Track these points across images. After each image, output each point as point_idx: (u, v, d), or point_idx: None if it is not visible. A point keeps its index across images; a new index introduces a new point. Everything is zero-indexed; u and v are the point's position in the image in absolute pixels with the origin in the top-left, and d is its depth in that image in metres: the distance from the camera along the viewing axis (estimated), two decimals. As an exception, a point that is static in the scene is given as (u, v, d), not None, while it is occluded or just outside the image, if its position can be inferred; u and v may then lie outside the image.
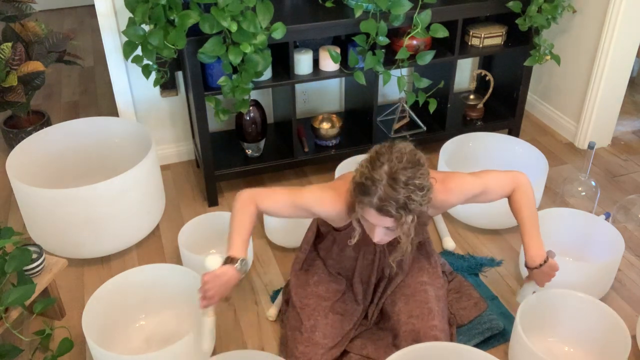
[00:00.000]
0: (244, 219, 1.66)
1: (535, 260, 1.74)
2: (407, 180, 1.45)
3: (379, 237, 1.57)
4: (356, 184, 1.51)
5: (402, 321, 1.82)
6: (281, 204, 1.69)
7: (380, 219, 1.50)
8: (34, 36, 2.88)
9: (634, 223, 2.46)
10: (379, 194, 1.45)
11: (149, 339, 1.95)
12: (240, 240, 1.64)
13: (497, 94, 3.04)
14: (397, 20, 2.31)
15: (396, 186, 1.44)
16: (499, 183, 1.78)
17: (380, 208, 1.46)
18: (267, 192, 1.70)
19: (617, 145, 3.09)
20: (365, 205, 1.49)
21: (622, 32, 2.70)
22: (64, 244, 2.19)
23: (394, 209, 1.45)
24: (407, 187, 1.45)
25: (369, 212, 1.50)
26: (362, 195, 1.49)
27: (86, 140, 2.55)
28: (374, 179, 1.46)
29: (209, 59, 2.16)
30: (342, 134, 2.76)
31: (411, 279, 1.92)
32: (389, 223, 1.50)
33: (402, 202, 1.45)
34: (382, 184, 1.45)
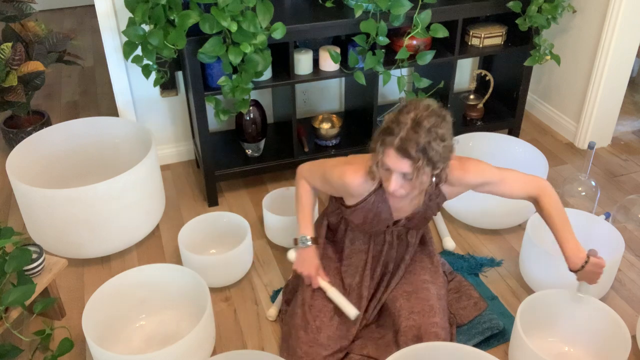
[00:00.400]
0: (301, 198, 1.89)
1: (577, 263, 1.73)
2: (431, 127, 1.50)
3: (394, 185, 1.57)
4: (382, 129, 1.57)
5: (403, 317, 1.82)
6: (317, 181, 1.84)
7: (399, 162, 1.52)
8: (34, 36, 2.88)
9: (634, 223, 2.46)
10: (402, 134, 1.50)
11: (149, 339, 1.95)
12: (301, 219, 1.88)
13: (497, 94, 3.04)
14: (397, 20, 2.31)
15: (419, 130, 1.49)
16: (519, 181, 1.79)
17: (401, 148, 1.50)
18: (311, 168, 1.87)
19: (617, 145, 3.09)
20: (387, 146, 1.53)
21: (622, 32, 2.70)
22: (64, 244, 2.19)
23: (413, 150, 1.49)
24: (429, 133, 1.50)
25: (389, 154, 1.53)
26: (385, 136, 1.53)
27: (86, 140, 2.55)
28: (399, 121, 1.52)
29: (209, 59, 2.16)
30: (342, 134, 2.76)
31: (413, 277, 1.92)
32: (407, 167, 1.52)
33: (422, 145, 1.49)
34: (406, 127, 1.50)
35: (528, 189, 1.80)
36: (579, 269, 1.73)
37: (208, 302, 1.80)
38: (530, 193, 1.80)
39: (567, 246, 1.74)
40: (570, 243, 1.74)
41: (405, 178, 1.56)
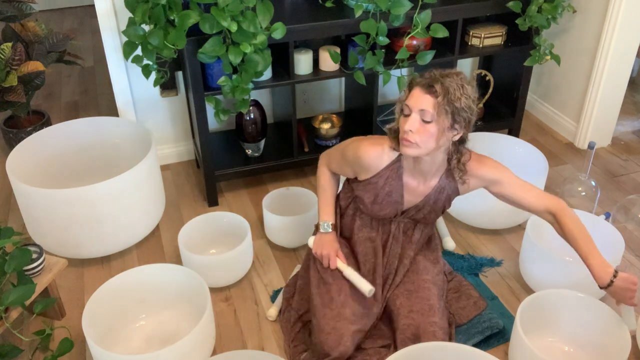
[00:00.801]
0: (323, 185, 1.95)
1: (605, 278, 1.68)
2: (460, 82, 1.58)
3: (411, 125, 1.58)
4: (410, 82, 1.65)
5: (402, 315, 1.83)
6: (335, 164, 1.90)
7: (422, 98, 1.57)
8: (34, 36, 2.88)
9: (634, 223, 2.46)
10: (433, 76, 1.59)
11: (149, 339, 1.95)
12: (322, 206, 1.95)
13: (497, 94, 3.04)
14: (397, 20, 2.31)
15: (447, 78, 1.57)
16: (537, 193, 1.78)
17: (426, 84, 1.57)
18: (330, 154, 1.94)
19: (617, 145, 3.09)
20: (414, 85, 1.61)
21: (622, 32, 2.70)
22: (64, 244, 2.19)
23: (438, 87, 1.55)
24: (455, 82, 1.57)
25: (414, 92, 1.60)
26: (418, 77, 1.61)
27: (86, 140, 2.55)
28: (432, 72, 1.61)
29: (209, 59, 2.16)
30: (342, 134, 2.76)
31: (415, 276, 1.92)
32: (429, 104, 1.56)
33: (447, 88, 1.56)
34: (438, 75, 1.59)
35: (546, 203, 1.77)
36: (608, 285, 1.68)
37: (208, 302, 1.80)
38: (549, 207, 1.77)
39: (592, 262, 1.69)
40: (596, 259, 1.69)
41: (423, 120, 1.58)
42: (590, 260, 1.70)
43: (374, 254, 1.92)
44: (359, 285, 1.83)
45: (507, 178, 1.78)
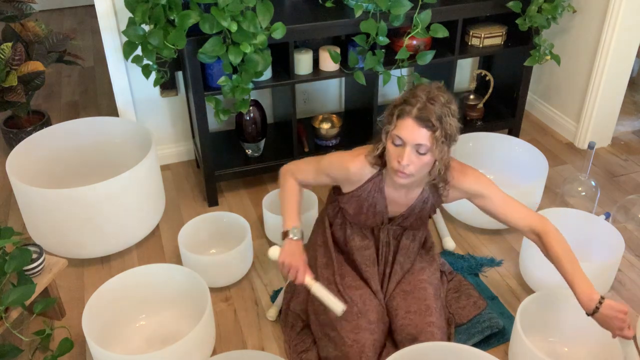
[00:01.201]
0: (289, 193, 1.84)
1: (590, 304, 1.60)
2: (445, 102, 1.56)
3: (407, 159, 1.56)
4: (395, 105, 1.60)
5: (400, 316, 1.82)
6: (310, 173, 1.83)
7: (417, 131, 1.54)
8: (34, 36, 2.88)
9: (634, 223, 2.46)
10: (419, 105, 1.54)
11: (149, 339, 1.95)
12: (289, 212, 1.81)
13: (497, 94, 3.04)
14: (397, 20, 2.31)
15: (435, 103, 1.54)
16: (521, 211, 1.74)
17: (419, 116, 1.53)
18: (298, 165, 1.86)
19: (617, 145, 3.09)
20: (404, 115, 1.55)
21: (622, 32, 2.70)
22: (64, 244, 2.19)
23: (433, 118, 1.52)
24: (444, 107, 1.55)
25: (405, 124, 1.55)
26: (403, 106, 1.56)
27: (86, 140, 2.55)
28: (415, 94, 1.57)
29: (209, 59, 2.16)
30: (342, 134, 2.76)
31: (411, 277, 1.92)
32: (424, 138, 1.54)
33: (439, 115, 1.53)
34: (422, 100, 1.55)
35: (530, 222, 1.72)
36: (593, 311, 1.60)
37: (208, 302, 1.80)
38: (533, 227, 1.72)
39: (577, 288, 1.63)
40: (582, 284, 1.63)
41: (418, 152, 1.56)
42: (576, 285, 1.64)
43: (370, 261, 1.90)
44: (329, 305, 1.71)
45: (490, 192, 1.74)
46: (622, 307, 1.60)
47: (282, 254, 1.73)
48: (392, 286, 1.91)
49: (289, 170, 1.88)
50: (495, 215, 1.77)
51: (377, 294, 1.88)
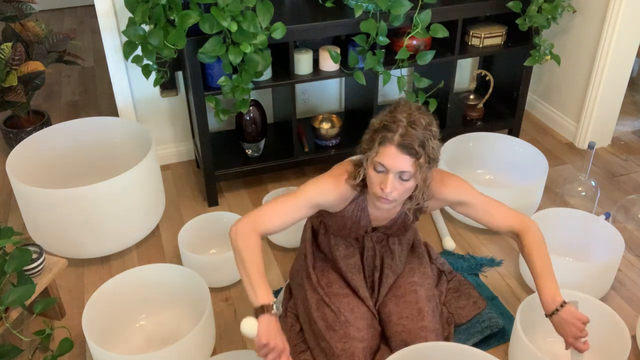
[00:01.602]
0: (252, 256, 1.52)
1: (551, 305, 1.61)
2: (426, 125, 1.51)
3: (390, 187, 1.52)
4: (375, 129, 1.54)
5: (393, 322, 1.82)
6: (279, 218, 1.61)
7: (400, 159, 1.49)
8: (34, 36, 2.88)
9: (634, 223, 2.46)
10: (401, 131, 1.49)
11: (149, 339, 1.95)
12: (259, 282, 1.49)
13: (497, 94, 3.04)
14: (397, 20, 2.31)
15: (416, 127, 1.49)
16: (502, 213, 1.73)
17: (402, 144, 1.48)
18: (260, 216, 1.59)
19: (617, 145, 3.09)
20: (386, 142, 1.49)
21: (622, 32, 2.70)
22: (64, 244, 2.19)
23: (415, 144, 1.48)
24: (425, 130, 1.50)
25: (388, 151, 1.49)
26: (384, 133, 1.50)
27: (86, 140, 2.55)
28: (395, 119, 1.50)
29: (209, 59, 2.16)
30: (342, 134, 2.76)
31: (402, 280, 1.91)
32: (408, 165, 1.49)
33: (421, 140, 1.49)
34: (403, 124, 1.49)
35: (511, 223, 1.72)
36: (552, 313, 1.61)
37: (208, 302, 1.80)
38: (514, 228, 1.72)
39: (543, 286, 1.62)
40: (549, 284, 1.62)
41: (401, 179, 1.53)
42: (542, 284, 1.63)
43: (356, 269, 1.89)
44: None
45: (471, 198, 1.72)
46: (583, 316, 1.59)
47: (263, 333, 1.43)
48: (385, 291, 1.89)
49: (247, 226, 1.56)
50: (477, 220, 1.76)
51: (366, 301, 1.87)
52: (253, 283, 1.48)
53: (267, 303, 1.47)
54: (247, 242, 1.53)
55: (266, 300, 1.47)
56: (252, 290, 1.48)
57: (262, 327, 1.44)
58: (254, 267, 1.50)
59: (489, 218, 1.74)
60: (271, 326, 1.45)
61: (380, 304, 1.89)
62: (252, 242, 1.54)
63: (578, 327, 1.58)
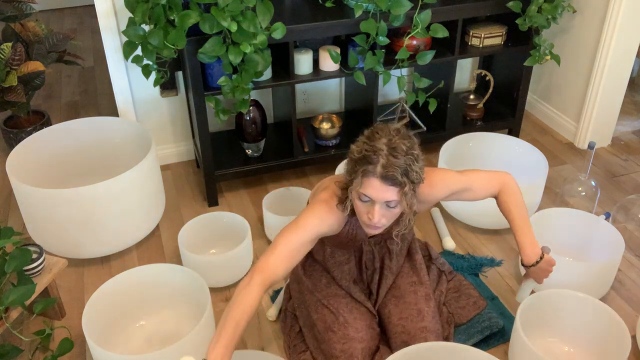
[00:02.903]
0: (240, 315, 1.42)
1: (532, 258, 1.77)
2: (407, 149, 1.48)
3: (378, 216, 1.51)
4: (356, 159, 1.50)
5: (393, 323, 1.82)
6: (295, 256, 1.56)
7: (384, 190, 1.47)
8: (34, 36, 2.88)
9: (634, 223, 2.46)
10: (382, 162, 1.45)
11: (149, 339, 1.95)
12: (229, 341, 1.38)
13: (497, 94, 3.04)
14: (397, 20, 2.31)
15: (397, 154, 1.46)
16: (483, 182, 1.79)
17: (385, 175, 1.45)
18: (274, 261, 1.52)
19: (617, 145, 3.09)
20: (369, 175, 1.46)
21: (622, 32, 2.70)
22: (64, 244, 2.19)
23: (398, 174, 1.45)
24: (407, 155, 1.47)
25: (371, 183, 1.47)
26: (365, 165, 1.47)
27: (86, 140, 2.55)
28: (375, 148, 1.47)
29: (209, 59, 2.16)
30: (342, 134, 2.76)
31: (401, 280, 1.91)
32: (393, 194, 1.47)
33: (404, 169, 1.46)
34: (383, 153, 1.46)
35: (490, 188, 1.79)
36: (532, 264, 1.77)
37: (208, 302, 1.80)
38: (493, 191, 1.80)
39: (524, 240, 1.77)
40: (528, 238, 1.77)
41: (388, 207, 1.51)
42: (522, 238, 1.77)
43: (350, 276, 1.88)
44: None
45: (457, 186, 1.73)
46: (553, 261, 1.79)
47: None
48: (384, 292, 1.90)
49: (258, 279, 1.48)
50: (462, 200, 1.82)
51: (366, 303, 1.87)
52: (220, 340, 1.38)
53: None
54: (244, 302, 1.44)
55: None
56: (215, 344, 1.38)
57: None
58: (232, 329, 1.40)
59: (474, 196, 1.80)
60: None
61: (380, 305, 1.89)
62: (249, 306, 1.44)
63: (549, 271, 1.80)
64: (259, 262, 1.53)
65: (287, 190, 2.44)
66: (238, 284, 1.51)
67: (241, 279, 1.52)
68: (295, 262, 1.58)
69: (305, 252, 1.60)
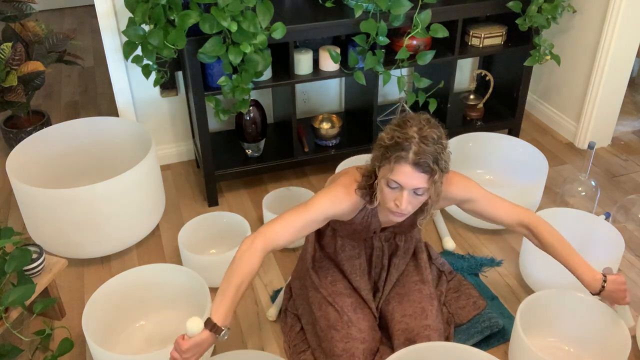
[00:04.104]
0: (242, 278, 1.50)
1: (595, 285, 1.68)
2: (437, 139, 1.50)
3: (405, 203, 1.52)
4: (387, 146, 1.51)
5: (396, 320, 1.82)
6: (297, 230, 1.60)
7: (415, 177, 1.48)
8: (34, 36, 2.89)
9: (634, 223, 2.46)
10: (414, 149, 1.47)
11: (149, 339, 1.95)
12: (231, 305, 1.48)
13: (497, 94, 3.04)
14: (397, 20, 2.31)
15: (428, 142, 1.48)
16: (507, 206, 1.76)
17: (417, 162, 1.47)
18: (277, 228, 1.58)
19: (617, 145, 3.09)
20: (401, 161, 1.48)
21: (622, 32, 2.70)
22: (64, 244, 2.19)
23: (430, 161, 1.47)
24: (437, 144, 1.49)
25: (403, 169, 1.48)
26: (398, 151, 1.48)
27: (86, 140, 2.55)
28: (407, 135, 1.48)
29: (209, 59, 2.16)
30: (342, 134, 2.76)
31: (406, 278, 1.92)
32: (423, 181, 1.49)
33: (435, 157, 1.48)
34: (415, 140, 1.47)
35: (518, 217, 1.75)
36: (600, 291, 1.68)
37: (208, 302, 1.80)
38: (522, 221, 1.75)
39: (581, 271, 1.69)
40: (583, 267, 1.69)
41: (415, 194, 1.53)
42: (578, 270, 1.69)
43: (360, 270, 1.89)
44: None
45: (477, 194, 1.74)
46: (621, 278, 1.68)
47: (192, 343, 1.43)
48: (388, 289, 1.90)
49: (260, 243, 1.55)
50: (483, 216, 1.78)
51: (369, 303, 1.87)
52: (223, 301, 1.48)
53: (219, 325, 1.46)
54: (246, 265, 1.52)
55: (221, 322, 1.46)
56: (219, 305, 1.47)
57: (197, 338, 1.44)
58: (235, 290, 1.49)
59: (495, 212, 1.76)
60: (203, 344, 1.45)
61: (383, 303, 1.90)
62: (251, 267, 1.52)
63: (622, 289, 1.68)
64: (263, 227, 1.58)
65: (287, 190, 2.44)
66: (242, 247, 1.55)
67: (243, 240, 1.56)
68: (299, 237, 1.61)
69: (311, 230, 1.64)
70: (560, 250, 1.71)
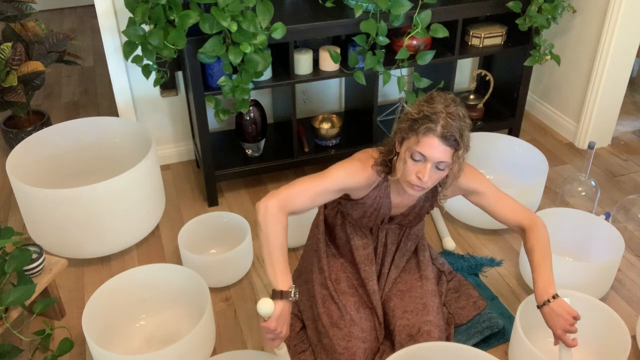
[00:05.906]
0: (277, 237, 1.54)
1: (543, 296, 1.63)
2: (463, 116, 1.56)
3: (428, 175, 1.54)
4: (415, 118, 1.54)
5: (397, 316, 1.83)
6: (307, 199, 1.62)
7: (441, 150, 1.52)
8: (34, 36, 2.89)
9: (634, 223, 2.46)
10: (442, 122, 1.51)
11: (149, 339, 1.95)
12: (284, 267, 1.54)
13: (497, 94, 3.04)
14: (397, 20, 2.31)
15: (455, 118, 1.53)
16: (513, 206, 1.77)
17: (445, 135, 1.51)
18: (288, 195, 1.59)
19: (617, 145, 3.09)
20: (429, 133, 1.51)
21: (622, 32, 2.70)
22: (64, 244, 2.19)
23: (457, 135, 1.52)
24: (462, 121, 1.55)
25: (430, 141, 1.51)
26: (427, 123, 1.51)
27: (86, 140, 2.55)
28: (435, 110, 1.53)
29: (209, 59, 2.16)
30: (342, 134, 2.76)
31: (408, 275, 1.92)
32: (448, 155, 1.53)
33: (461, 132, 1.53)
34: (443, 115, 1.52)
35: (519, 217, 1.76)
36: (543, 304, 1.63)
37: (208, 302, 1.80)
38: (521, 222, 1.76)
39: (540, 279, 1.65)
40: (544, 276, 1.65)
41: (437, 169, 1.56)
42: (537, 275, 1.66)
43: (369, 260, 1.90)
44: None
45: (486, 188, 1.77)
46: (573, 311, 1.61)
47: (275, 318, 1.48)
48: (389, 285, 1.91)
49: (276, 206, 1.56)
50: (488, 210, 1.80)
51: (375, 294, 1.88)
52: (276, 268, 1.53)
53: (287, 290, 1.52)
54: (275, 226, 1.55)
55: (286, 286, 1.52)
56: (274, 274, 1.53)
57: (276, 312, 1.49)
58: (280, 252, 1.54)
59: (500, 210, 1.77)
60: (284, 313, 1.51)
61: (384, 299, 1.90)
62: (281, 226, 1.56)
63: (568, 321, 1.60)
64: (276, 191, 1.59)
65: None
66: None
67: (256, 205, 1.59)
68: (312, 206, 1.63)
69: (324, 201, 1.66)
70: (535, 255, 1.69)
